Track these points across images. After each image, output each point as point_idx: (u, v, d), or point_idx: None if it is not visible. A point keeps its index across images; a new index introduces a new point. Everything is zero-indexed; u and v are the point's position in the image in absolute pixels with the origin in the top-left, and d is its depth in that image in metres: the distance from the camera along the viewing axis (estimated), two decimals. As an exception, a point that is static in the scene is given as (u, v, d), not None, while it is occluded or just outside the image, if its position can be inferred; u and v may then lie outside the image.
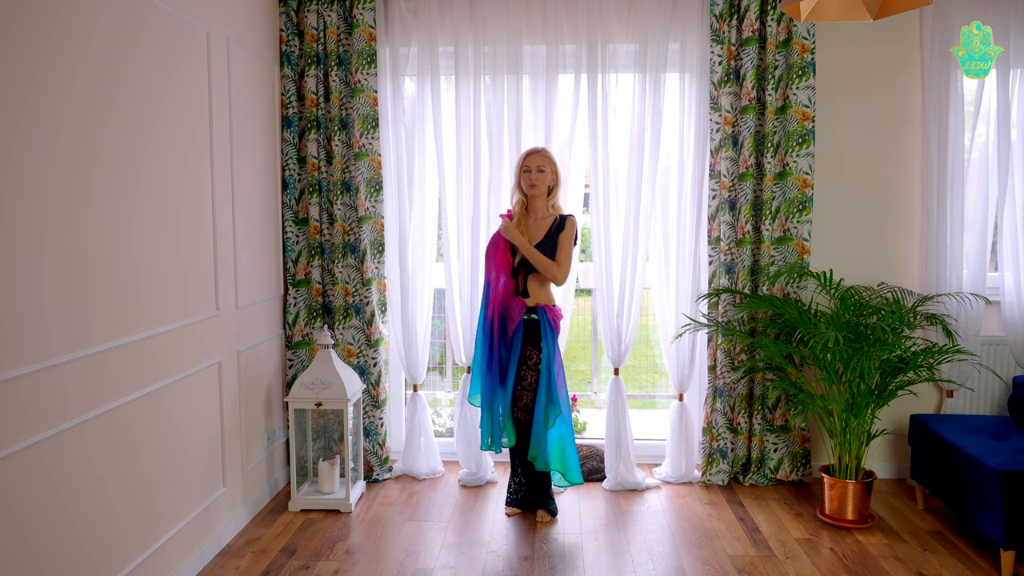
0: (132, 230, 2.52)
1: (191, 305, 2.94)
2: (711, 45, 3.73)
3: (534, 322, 3.42)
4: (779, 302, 3.55)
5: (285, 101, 3.81)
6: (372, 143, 3.82)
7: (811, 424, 3.93)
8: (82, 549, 2.28)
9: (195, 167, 2.97)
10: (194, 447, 2.98)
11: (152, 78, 2.64)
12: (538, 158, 3.44)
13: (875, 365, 3.32)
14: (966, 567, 3.01)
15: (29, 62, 2.04)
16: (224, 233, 3.21)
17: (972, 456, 3.03)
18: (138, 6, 2.55)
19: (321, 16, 3.74)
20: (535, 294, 3.45)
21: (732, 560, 3.08)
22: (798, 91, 3.69)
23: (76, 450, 2.25)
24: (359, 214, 3.83)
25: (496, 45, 3.81)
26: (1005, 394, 3.91)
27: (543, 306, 3.45)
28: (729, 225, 3.79)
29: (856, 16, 2.41)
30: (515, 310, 3.41)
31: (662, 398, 5.59)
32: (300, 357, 3.92)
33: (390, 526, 3.42)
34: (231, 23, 3.27)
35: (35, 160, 2.06)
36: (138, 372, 2.57)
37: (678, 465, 3.94)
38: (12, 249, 1.99)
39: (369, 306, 3.88)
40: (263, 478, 3.66)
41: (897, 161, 3.88)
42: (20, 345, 2.01)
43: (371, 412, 3.94)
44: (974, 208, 3.83)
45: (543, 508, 3.52)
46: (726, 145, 3.75)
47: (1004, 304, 3.84)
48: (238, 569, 2.99)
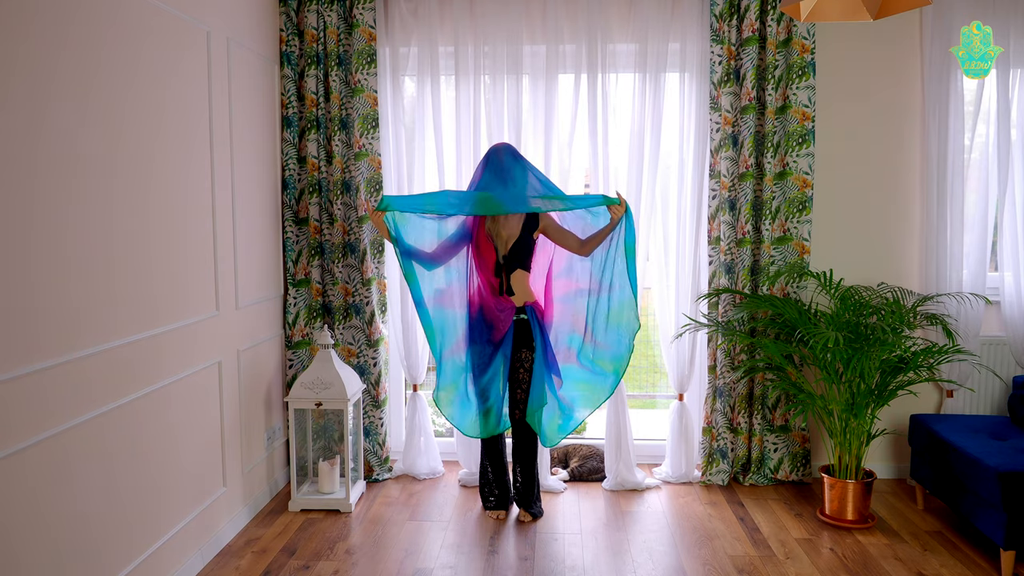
0: (132, 230, 2.52)
1: (191, 305, 2.94)
2: (711, 45, 3.73)
3: (524, 322, 3.38)
4: (779, 302, 3.55)
5: (285, 101, 3.81)
6: (372, 143, 3.82)
7: (811, 424, 3.93)
8: (81, 549, 2.28)
9: (195, 167, 2.97)
10: (194, 447, 2.98)
11: (152, 78, 2.64)
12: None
13: (875, 365, 3.32)
14: (966, 567, 3.01)
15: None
16: (224, 233, 3.21)
17: (972, 456, 3.04)
18: (138, 6, 2.55)
19: (321, 16, 3.74)
20: (520, 292, 3.38)
21: (732, 560, 3.08)
22: (798, 91, 3.69)
23: (75, 450, 2.25)
24: (359, 214, 3.83)
25: (496, 45, 3.81)
26: (1005, 394, 3.91)
27: (530, 304, 3.39)
28: (729, 225, 3.79)
29: (856, 16, 2.41)
30: (504, 312, 3.34)
31: (662, 398, 5.60)
32: (300, 357, 3.92)
33: (390, 526, 3.42)
34: (231, 23, 3.27)
35: (33, 160, 2.07)
36: (138, 372, 2.57)
37: (678, 465, 3.94)
38: (12, 249, 1.99)
39: (369, 306, 3.88)
40: (263, 478, 3.66)
41: (897, 161, 3.88)
42: (20, 345, 2.02)
43: (371, 412, 3.94)
44: (974, 208, 3.83)
45: (525, 508, 3.49)
46: (726, 145, 3.75)
47: (1004, 304, 3.84)
48: (238, 569, 2.99)
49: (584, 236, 3.42)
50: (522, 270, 3.38)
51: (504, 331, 3.34)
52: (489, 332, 3.38)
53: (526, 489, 3.50)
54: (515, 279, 3.37)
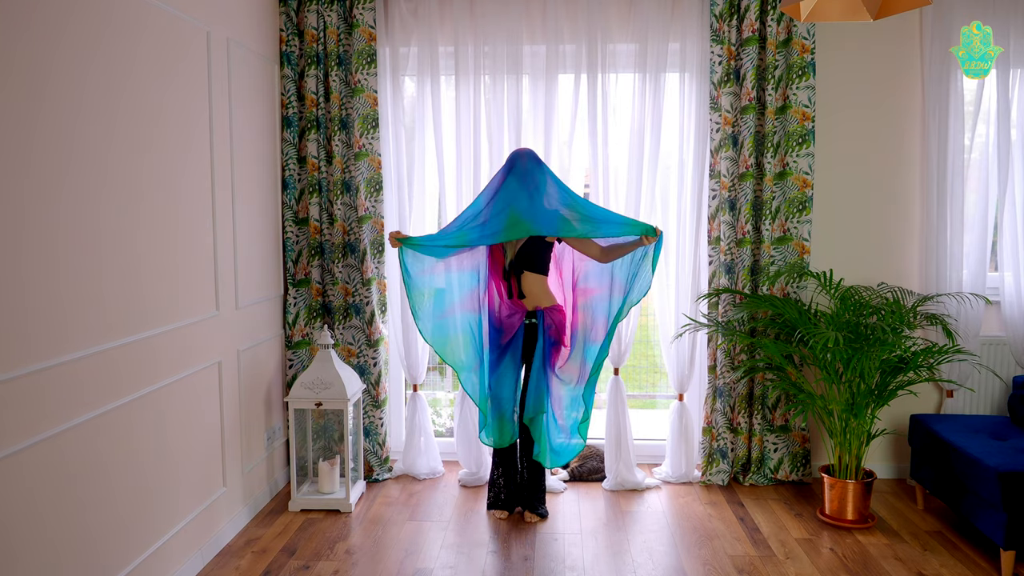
0: (132, 230, 2.52)
1: (191, 305, 2.94)
2: (711, 45, 3.73)
3: (533, 327, 3.38)
4: (779, 302, 3.55)
5: (285, 101, 3.81)
6: (372, 143, 3.82)
7: (811, 424, 3.93)
8: (80, 550, 2.28)
9: (195, 167, 2.97)
10: (194, 447, 2.98)
11: (152, 78, 2.64)
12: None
13: (875, 365, 3.32)
14: (966, 567, 3.01)
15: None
16: (224, 233, 3.21)
17: (972, 456, 3.04)
18: (138, 6, 2.55)
19: (321, 16, 3.75)
20: (532, 296, 3.38)
21: (732, 560, 3.08)
22: (798, 91, 3.69)
23: (75, 450, 2.25)
24: (359, 214, 3.83)
25: (496, 45, 3.81)
26: (1005, 394, 3.91)
27: (543, 309, 3.38)
28: (729, 225, 3.79)
29: (856, 16, 2.41)
30: (514, 316, 3.34)
31: (662, 398, 5.60)
32: (300, 357, 3.92)
33: (390, 526, 3.42)
34: (231, 23, 3.27)
35: (31, 161, 2.07)
36: (138, 372, 2.57)
37: (678, 465, 3.94)
38: (11, 249, 1.99)
39: (369, 306, 3.88)
40: (263, 478, 3.66)
41: (897, 161, 3.88)
42: (21, 345, 2.02)
43: (371, 412, 3.94)
44: (974, 208, 3.83)
45: (531, 510, 3.49)
46: (726, 145, 3.75)
47: (1004, 304, 3.84)
48: (238, 569, 2.99)
49: (606, 244, 3.38)
50: (533, 273, 3.35)
51: (512, 335, 3.34)
52: (499, 336, 3.38)
53: (530, 489, 3.50)
54: (526, 282, 3.35)
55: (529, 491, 3.50)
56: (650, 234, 3.23)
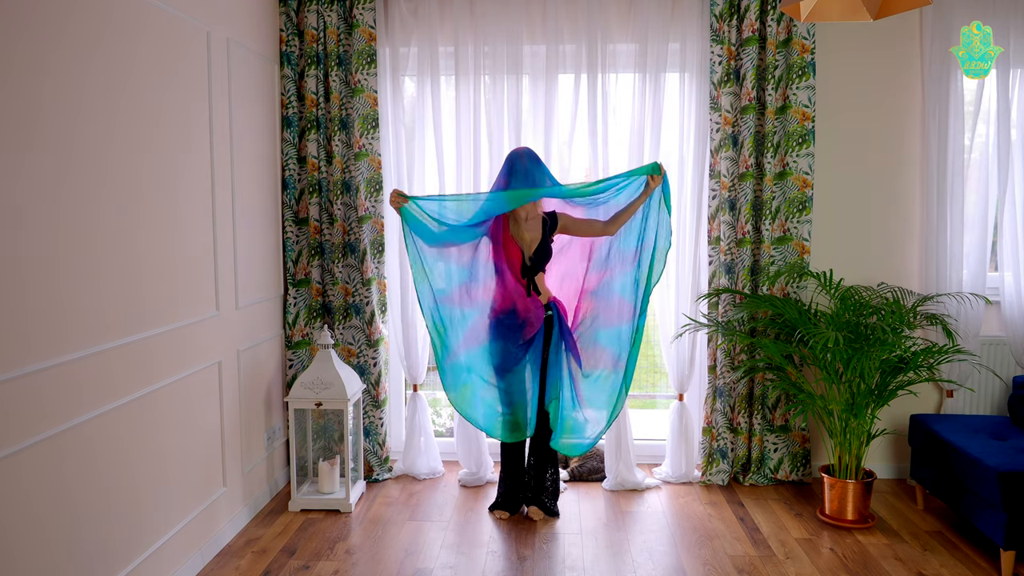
0: (132, 230, 2.52)
1: (191, 305, 2.94)
2: (711, 45, 3.73)
3: (550, 318, 3.40)
4: (779, 302, 3.55)
5: (285, 101, 3.81)
6: (372, 143, 3.82)
7: (811, 424, 3.93)
8: (81, 549, 2.28)
9: (195, 167, 2.97)
10: (194, 447, 2.98)
11: (152, 78, 2.64)
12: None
13: (875, 365, 3.32)
14: (966, 567, 3.01)
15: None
16: (224, 233, 3.21)
17: (972, 456, 3.04)
18: (138, 6, 2.55)
19: (321, 16, 3.75)
20: (544, 291, 3.41)
21: (732, 560, 3.08)
22: (798, 91, 3.69)
23: (75, 450, 2.25)
24: (359, 214, 3.83)
25: (496, 45, 3.81)
26: (1005, 394, 3.91)
27: (552, 300, 3.43)
28: (729, 225, 3.79)
29: (856, 16, 2.41)
30: (534, 313, 3.34)
31: (662, 398, 5.60)
32: (300, 357, 3.92)
33: (390, 526, 3.42)
34: (231, 23, 3.27)
35: (31, 160, 2.07)
36: (138, 372, 2.57)
37: (678, 465, 3.94)
38: (10, 249, 1.99)
39: (369, 306, 3.88)
40: (263, 478, 3.66)
41: (897, 161, 3.88)
42: (20, 345, 2.01)
43: (371, 412, 3.94)
44: (974, 208, 3.83)
45: (538, 504, 3.49)
46: (726, 145, 3.75)
47: (1004, 304, 3.84)
48: (238, 569, 2.99)
49: (607, 217, 3.41)
50: (542, 271, 3.42)
51: (537, 328, 3.35)
52: (520, 331, 3.36)
53: (537, 484, 3.50)
54: (538, 279, 3.41)
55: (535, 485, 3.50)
56: (655, 173, 3.27)
